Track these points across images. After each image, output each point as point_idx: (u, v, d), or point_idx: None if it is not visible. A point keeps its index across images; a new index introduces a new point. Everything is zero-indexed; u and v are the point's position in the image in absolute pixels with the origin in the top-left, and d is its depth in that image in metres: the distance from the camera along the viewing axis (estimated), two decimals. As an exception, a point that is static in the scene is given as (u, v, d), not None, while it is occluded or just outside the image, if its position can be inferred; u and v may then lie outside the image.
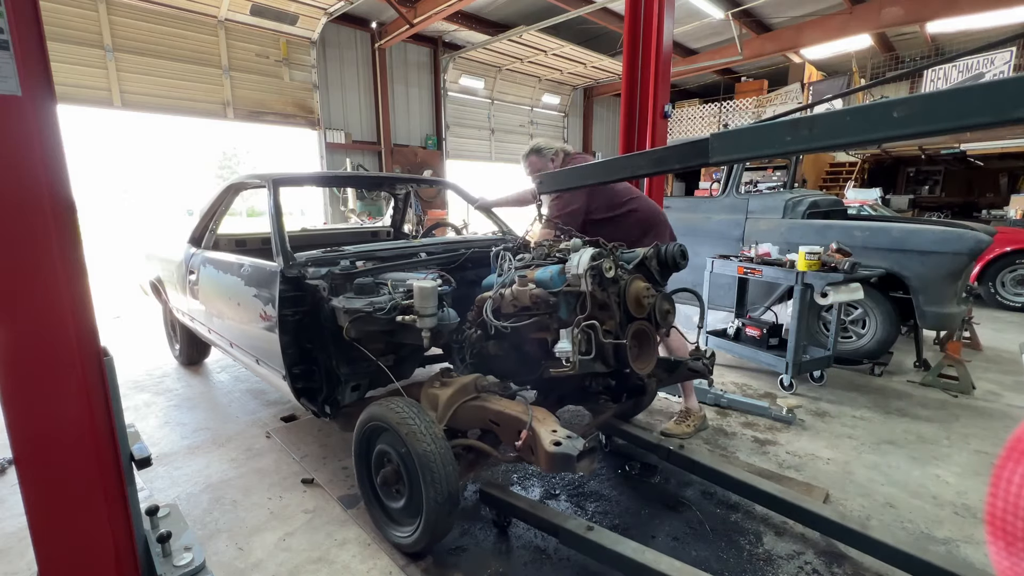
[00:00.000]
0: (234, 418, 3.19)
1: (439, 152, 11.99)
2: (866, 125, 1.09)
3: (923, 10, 8.83)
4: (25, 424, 1.16)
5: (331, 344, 2.17)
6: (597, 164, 1.98)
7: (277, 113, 9.21)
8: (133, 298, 6.11)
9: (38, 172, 1.08)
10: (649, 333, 1.97)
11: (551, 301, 1.87)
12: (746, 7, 9.62)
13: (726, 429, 2.97)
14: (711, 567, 1.85)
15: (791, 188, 5.02)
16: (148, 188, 22.48)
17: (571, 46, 11.17)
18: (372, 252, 2.45)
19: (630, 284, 1.93)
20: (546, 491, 2.38)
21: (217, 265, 2.83)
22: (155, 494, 2.37)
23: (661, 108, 3.97)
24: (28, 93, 1.06)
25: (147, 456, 1.42)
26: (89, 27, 7.16)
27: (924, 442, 2.83)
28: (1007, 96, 0.90)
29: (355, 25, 10.05)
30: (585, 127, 16.05)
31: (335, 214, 10.20)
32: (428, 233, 4.15)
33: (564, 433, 1.64)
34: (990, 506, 0.53)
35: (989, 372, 3.95)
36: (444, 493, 1.70)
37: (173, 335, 4.18)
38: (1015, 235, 6.10)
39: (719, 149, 1.37)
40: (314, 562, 1.92)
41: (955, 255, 3.46)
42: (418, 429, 1.75)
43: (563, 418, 2.97)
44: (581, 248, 1.96)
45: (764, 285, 4.13)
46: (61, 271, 1.13)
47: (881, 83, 2.15)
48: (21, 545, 1.99)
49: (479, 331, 2.14)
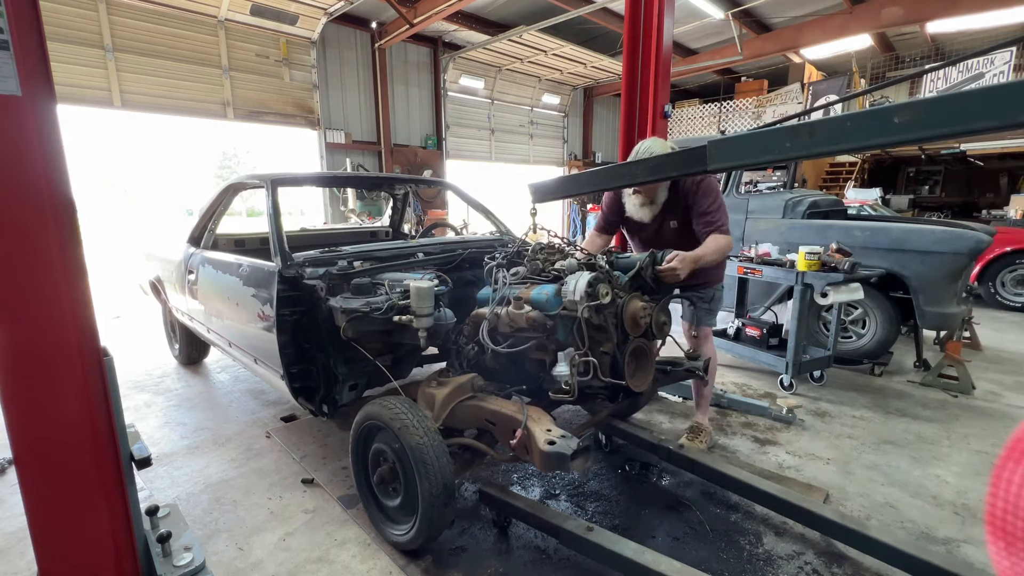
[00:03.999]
0: (234, 418, 3.19)
1: (439, 152, 11.97)
2: (867, 130, 1.09)
3: (923, 10, 8.82)
4: (25, 424, 1.16)
5: (329, 344, 2.17)
6: (594, 172, 1.98)
7: (277, 113, 9.20)
8: (133, 298, 6.11)
9: (38, 172, 1.08)
10: (646, 349, 1.98)
11: (547, 325, 1.87)
12: (746, 7, 9.61)
13: (726, 429, 2.97)
14: (711, 567, 1.85)
15: (791, 188, 5.03)
16: (148, 188, 22.47)
17: (571, 46, 11.16)
18: (370, 252, 2.45)
19: (627, 304, 1.91)
20: (546, 491, 2.38)
21: (216, 265, 2.83)
22: (155, 494, 2.36)
23: (661, 108, 3.96)
24: (28, 93, 1.06)
25: (147, 456, 1.42)
26: (89, 27, 7.15)
27: (924, 442, 2.83)
28: (1009, 101, 0.90)
29: (355, 25, 10.04)
30: (585, 127, 16.04)
31: (335, 214, 10.19)
32: (427, 233, 4.15)
33: (559, 432, 1.65)
34: (990, 506, 0.53)
35: (989, 372, 3.95)
36: (439, 486, 1.71)
37: (173, 335, 4.18)
38: (1015, 235, 6.10)
39: (717, 156, 1.36)
40: (314, 562, 1.92)
41: (955, 255, 3.46)
42: (411, 423, 1.76)
43: (561, 418, 2.97)
44: (577, 271, 1.95)
45: (764, 285, 4.13)
46: (61, 271, 1.13)
47: (881, 87, 2.15)
48: (21, 545, 1.99)
49: (476, 347, 2.14)
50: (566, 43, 11.00)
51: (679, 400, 3.35)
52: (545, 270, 2.10)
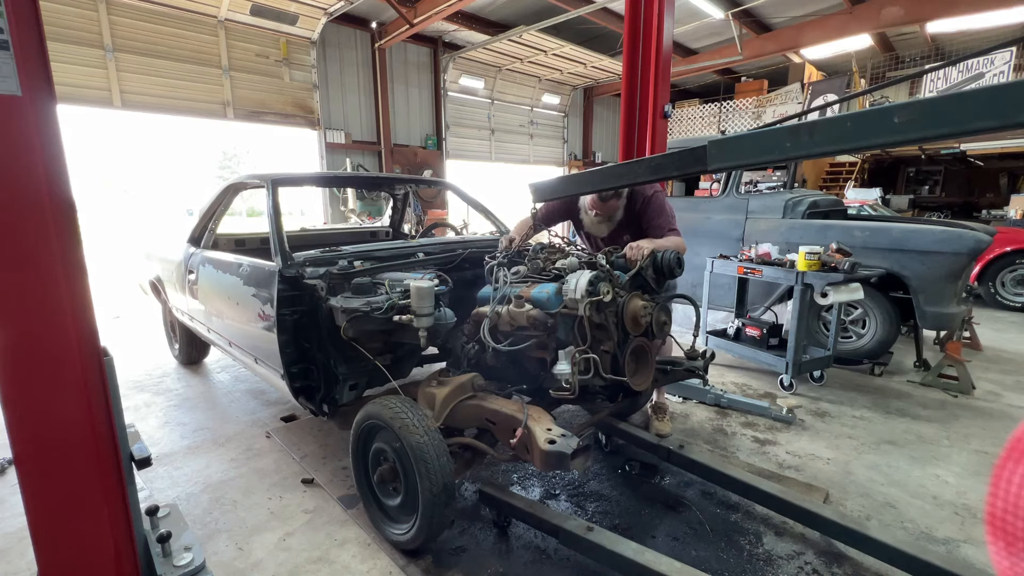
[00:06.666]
0: (234, 418, 3.19)
1: (439, 152, 11.98)
2: (867, 130, 1.09)
3: (923, 10, 8.82)
4: (25, 424, 1.16)
5: (329, 343, 2.17)
6: (594, 171, 1.97)
7: (277, 113, 9.20)
8: (133, 298, 6.11)
9: (38, 172, 1.08)
10: (647, 348, 1.98)
11: (548, 323, 1.87)
12: (746, 7, 9.62)
13: (726, 429, 2.97)
14: (711, 567, 1.85)
15: (791, 188, 5.02)
16: (148, 188, 22.44)
17: (571, 46, 11.16)
18: (370, 252, 2.45)
19: (628, 303, 1.91)
20: (546, 491, 2.38)
21: (216, 265, 2.83)
22: (155, 494, 2.37)
23: (661, 108, 3.97)
24: (28, 93, 1.05)
25: (147, 456, 1.42)
26: (89, 27, 7.15)
27: (924, 442, 2.83)
28: (1009, 101, 0.90)
29: (355, 25, 10.05)
30: (585, 127, 16.04)
31: (335, 214, 10.20)
32: (427, 233, 4.15)
33: (559, 431, 1.65)
34: (990, 506, 0.53)
35: (989, 372, 3.95)
36: (439, 484, 1.71)
37: (173, 335, 4.18)
38: (1015, 235, 6.10)
39: (717, 156, 1.35)
40: (314, 562, 1.92)
41: (955, 255, 3.46)
42: (411, 422, 1.76)
43: (561, 418, 2.97)
44: (578, 269, 1.95)
45: (764, 285, 4.13)
46: (61, 271, 1.13)
47: (881, 87, 2.16)
48: (21, 545, 1.99)
49: (477, 346, 2.14)
50: (566, 43, 11.00)
51: (680, 400, 3.35)
52: (546, 269, 2.10)
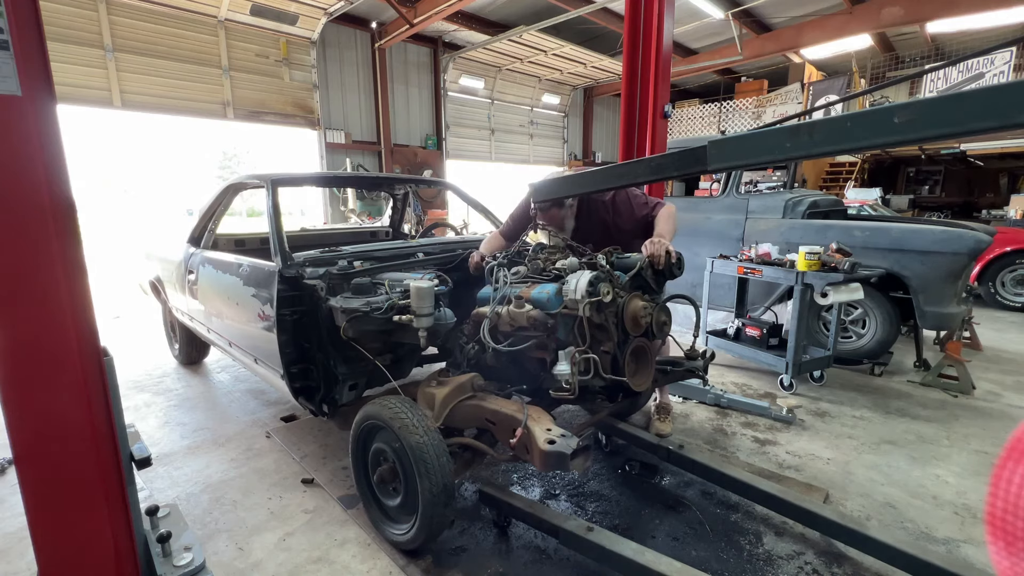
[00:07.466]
0: (234, 418, 3.19)
1: (439, 152, 11.99)
2: (867, 130, 1.09)
3: (923, 10, 8.83)
4: (25, 424, 1.15)
5: (329, 343, 2.17)
6: (595, 172, 1.98)
7: (277, 113, 9.21)
8: (133, 298, 6.11)
9: (38, 172, 1.08)
10: (647, 349, 1.98)
11: (548, 324, 1.87)
12: (746, 7, 9.62)
13: (726, 429, 2.97)
14: (711, 567, 1.85)
15: (791, 188, 5.02)
16: (148, 188, 22.44)
17: (571, 46, 11.17)
18: (370, 252, 2.45)
19: (628, 303, 1.91)
20: (546, 491, 2.38)
21: (216, 265, 2.83)
22: (155, 494, 2.37)
23: (661, 108, 3.97)
24: (28, 93, 1.05)
25: (147, 456, 1.42)
26: (89, 27, 7.15)
27: (924, 442, 2.83)
28: (1009, 101, 0.90)
29: (355, 25, 10.05)
30: (585, 127, 16.05)
31: (335, 214, 10.20)
32: (427, 233, 4.16)
33: (558, 431, 1.65)
34: (990, 506, 0.53)
35: (989, 372, 3.95)
36: (439, 485, 1.71)
37: (173, 335, 4.18)
38: (1015, 235, 6.10)
39: (717, 156, 1.36)
40: (314, 562, 1.92)
41: (955, 255, 3.46)
42: (411, 422, 1.76)
43: (561, 418, 2.97)
44: (578, 269, 1.95)
45: (764, 285, 4.13)
46: (61, 271, 1.13)
47: (881, 87, 2.16)
48: (21, 545, 1.99)
49: (476, 346, 2.14)
50: (566, 43, 11.01)
51: (680, 400, 3.35)
52: (546, 269, 2.10)
